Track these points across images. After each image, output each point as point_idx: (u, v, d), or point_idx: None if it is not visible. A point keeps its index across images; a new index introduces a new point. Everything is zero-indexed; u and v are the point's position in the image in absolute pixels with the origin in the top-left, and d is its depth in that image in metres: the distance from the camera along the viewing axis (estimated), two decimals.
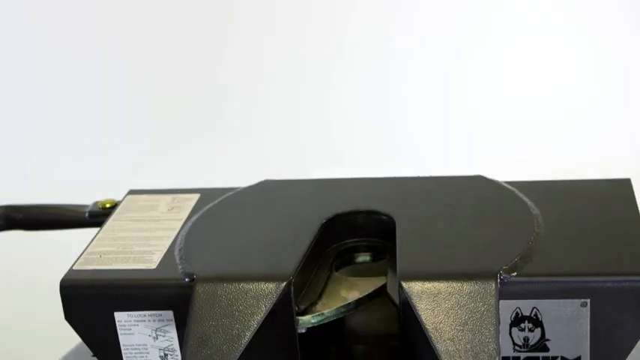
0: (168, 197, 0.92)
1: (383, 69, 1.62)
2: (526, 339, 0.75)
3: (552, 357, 0.75)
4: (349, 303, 0.79)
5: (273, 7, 1.62)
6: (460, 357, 0.69)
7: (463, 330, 0.70)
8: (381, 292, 0.80)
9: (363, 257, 0.85)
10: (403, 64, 1.62)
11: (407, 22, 1.61)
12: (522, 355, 0.75)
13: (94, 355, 0.87)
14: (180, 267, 0.79)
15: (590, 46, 1.59)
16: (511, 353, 0.75)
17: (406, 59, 1.62)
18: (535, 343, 0.75)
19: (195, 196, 0.92)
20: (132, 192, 0.94)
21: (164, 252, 0.82)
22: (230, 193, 0.91)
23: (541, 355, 0.75)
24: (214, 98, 1.64)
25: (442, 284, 0.73)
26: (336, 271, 0.84)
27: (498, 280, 0.73)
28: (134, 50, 1.66)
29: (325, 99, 1.64)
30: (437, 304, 0.72)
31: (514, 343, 0.75)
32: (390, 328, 0.85)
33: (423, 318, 0.71)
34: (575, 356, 0.75)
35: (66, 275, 0.80)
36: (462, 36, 1.60)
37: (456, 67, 1.61)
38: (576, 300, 0.73)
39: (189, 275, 0.77)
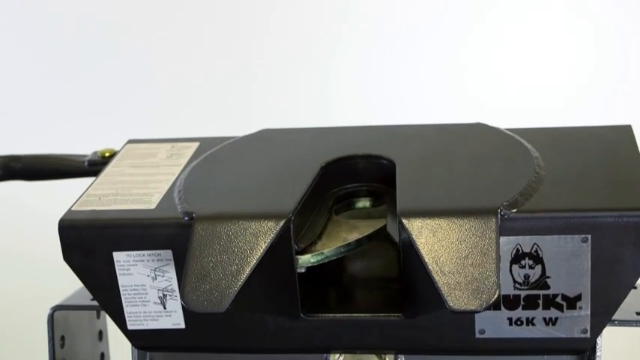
0: (168, 145, 0.92)
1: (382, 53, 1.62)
2: (526, 276, 0.74)
3: (553, 294, 0.74)
4: (349, 243, 0.78)
5: None
6: (460, 290, 0.68)
7: (463, 264, 0.70)
8: (381, 233, 0.79)
9: (363, 203, 0.85)
10: (399, 57, 1.62)
11: (406, 9, 1.61)
12: (523, 293, 0.75)
13: (93, 299, 0.87)
14: (179, 207, 0.79)
15: (592, 33, 1.59)
16: (511, 291, 0.75)
17: (402, 48, 1.63)
18: (535, 281, 0.74)
19: (195, 144, 0.91)
20: (131, 141, 0.94)
21: (163, 194, 0.82)
22: (229, 140, 0.91)
23: (541, 292, 0.75)
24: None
25: (442, 220, 0.72)
26: (336, 215, 0.83)
27: (499, 216, 0.72)
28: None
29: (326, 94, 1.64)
30: (437, 239, 0.71)
31: (514, 281, 0.74)
32: (390, 272, 0.85)
33: (423, 253, 0.71)
34: (576, 293, 0.74)
35: (64, 216, 0.80)
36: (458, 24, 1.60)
37: (453, 56, 1.61)
38: (577, 236, 0.73)
39: (188, 214, 0.77)
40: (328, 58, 1.64)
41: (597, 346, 0.78)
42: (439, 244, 0.71)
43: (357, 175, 0.85)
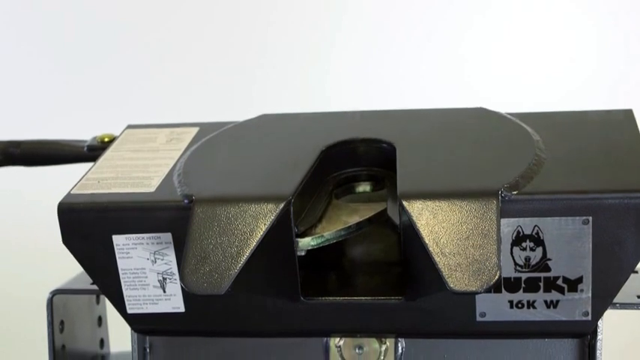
0: (167, 130, 0.92)
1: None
2: (527, 258, 0.74)
3: (554, 277, 0.74)
4: (349, 226, 0.78)
5: None
6: (461, 271, 0.68)
7: (464, 246, 0.69)
8: (381, 216, 0.79)
9: (363, 187, 0.85)
10: (399, 48, 1.62)
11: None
12: (524, 276, 0.75)
13: (93, 283, 0.87)
14: (178, 190, 0.79)
15: (594, 26, 1.59)
16: (512, 274, 0.75)
17: (403, 39, 1.62)
18: (536, 263, 0.74)
19: (194, 129, 0.91)
20: (130, 126, 0.94)
21: (162, 177, 0.82)
22: (229, 125, 0.91)
23: (542, 275, 0.74)
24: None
25: (443, 202, 0.72)
26: (336, 199, 0.83)
27: (499, 197, 0.72)
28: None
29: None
30: (437, 221, 0.71)
31: (515, 263, 0.74)
32: (390, 256, 0.85)
33: (423, 234, 0.70)
34: (577, 276, 0.74)
35: (64, 199, 0.80)
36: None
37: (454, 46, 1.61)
38: (578, 218, 0.72)
39: (188, 197, 0.76)
40: (328, 47, 1.63)
41: (598, 330, 0.77)
42: (440, 225, 0.71)
43: (357, 159, 0.84)
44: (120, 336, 0.98)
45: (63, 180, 0.98)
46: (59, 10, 1.72)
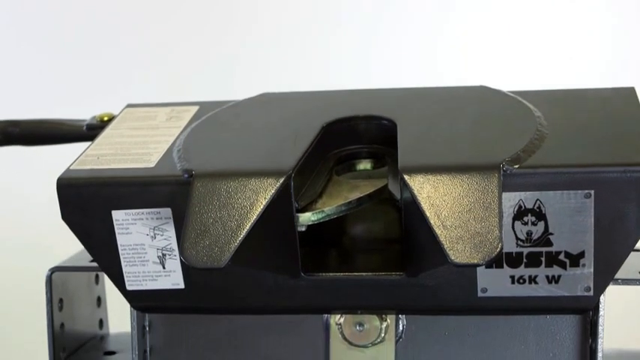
0: (167, 109, 0.91)
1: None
2: (529, 233, 0.73)
3: (556, 252, 0.74)
4: (350, 201, 0.77)
5: None
6: (462, 243, 0.67)
7: (466, 219, 0.69)
8: (382, 192, 0.78)
9: (364, 165, 0.84)
10: (403, 27, 1.61)
11: None
12: (525, 251, 0.74)
13: (92, 261, 0.86)
14: (178, 165, 0.78)
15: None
16: (514, 249, 0.74)
17: (407, 19, 1.62)
18: (538, 238, 0.73)
19: (194, 108, 0.91)
20: (130, 105, 0.93)
21: (162, 153, 0.81)
22: (229, 104, 0.90)
23: (544, 249, 0.74)
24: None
25: (444, 176, 0.72)
26: (337, 176, 0.83)
27: (501, 171, 0.71)
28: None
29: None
30: (439, 194, 0.71)
31: (517, 238, 0.74)
32: (391, 233, 0.84)
33: (425, 208, 0.70)
34: (579, 251, 0.73)
35: (63, 174, 0.79)
36: None
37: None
38: (580, 191, 0.72)
39: (188, 171, 0.76)
40: (329, 27, 1.63)
41: (600, 306, 0.77)
42: (441, 199, 0.70)
43: (358, 136, 0.84)
44: (119, 318, 0.98)
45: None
46: None
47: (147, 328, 0.86)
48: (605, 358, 0.79)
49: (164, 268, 0.79)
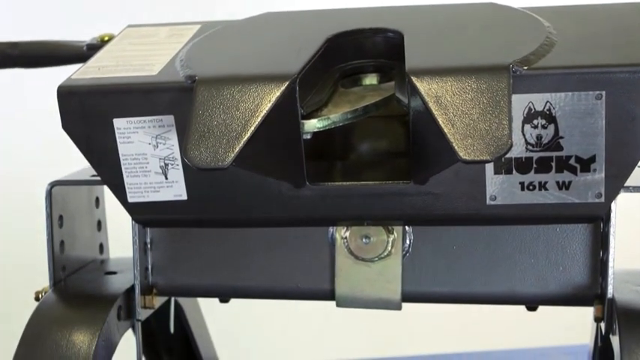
0: (168, 27, 0.90)
1: None
2: (539, 137, 0.72)
3: (566, 156, 0.72)
4: (356, 109, 0.76)
5: None
6: (471, 140, 0.66)
7: (475, 118, 0.67)
8: (389, 101, 0.77)
9: (370, 79, 0.83)
10: None
11: None
12: (535, 155, 0.73)
13: (94, 175, 0.85)
14: (181, 72, 0.77)
15: None
16: (524, 153, 0.73)
17: None
18: (548, 142, 0.72)
19: (196, 26, 0.89)
20: (130, 25, 0.92)
21: (165, 63, 0.80)
22: (232, 22, 0.89)
23: (554, 154, 0.72)
24: None
25: (453, 77, 0.70)
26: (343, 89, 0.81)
27: (510, 72, 0.70)
28: None
29: None
30: (447, 96, 0.69)
31: (527, 142, 0.72)
32: (397, 146, 0.83)
33: (433, 108, 0.68)
34: (590, 155, 0.72)
35: (63, 82, 0.78)
36: None
37: None
38: (591, 92, 0.70)
39: (191, 77, 0.74)
40: None
41: (612, 213, 0.75)
42: (450, 99, 0.69)
43: (364, 50, 0.82)
44: (120, 247, 0.96)
45: None
46: None
47: (148, 245, 0.84)
48: (616, 273, 0.78)
49: (166, 178, 0.78)
